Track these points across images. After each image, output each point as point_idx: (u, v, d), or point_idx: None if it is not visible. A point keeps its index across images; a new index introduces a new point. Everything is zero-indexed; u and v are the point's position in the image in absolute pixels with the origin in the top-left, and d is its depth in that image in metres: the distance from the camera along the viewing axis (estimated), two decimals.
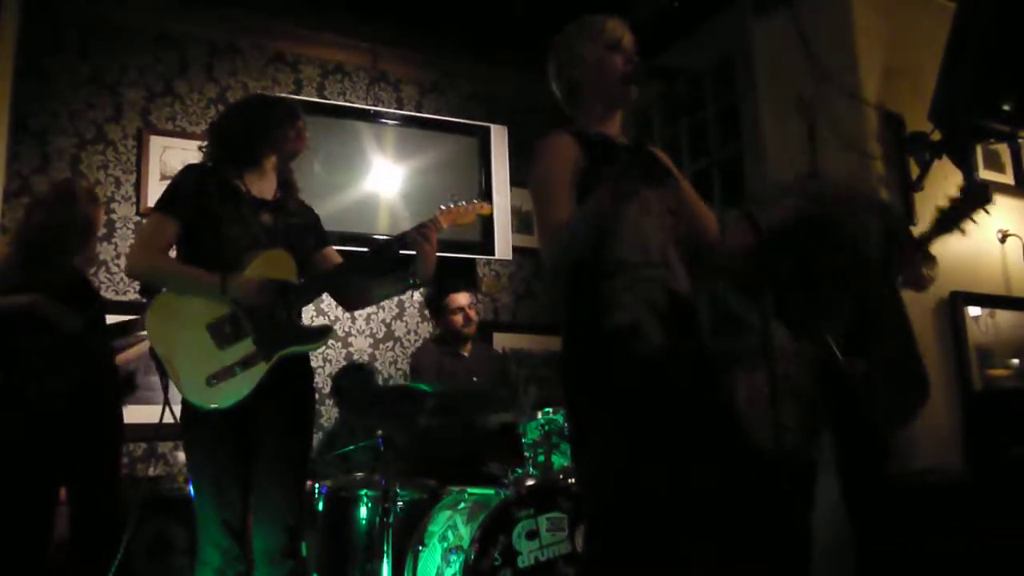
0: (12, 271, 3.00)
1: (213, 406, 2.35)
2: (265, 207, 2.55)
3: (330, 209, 4.32)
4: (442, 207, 2.69)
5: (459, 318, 4.14)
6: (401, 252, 2.61)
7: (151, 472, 3.96)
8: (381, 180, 4.69)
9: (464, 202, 2.72)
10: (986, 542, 2.80)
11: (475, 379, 4.02)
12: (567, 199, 2.03)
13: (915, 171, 3.74)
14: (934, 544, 2.80)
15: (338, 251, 2.73)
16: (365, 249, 4.01)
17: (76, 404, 2.97)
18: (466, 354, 4.20)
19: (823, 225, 2.49)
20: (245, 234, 2.47)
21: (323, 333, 2.60)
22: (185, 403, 2.39)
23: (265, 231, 2.50)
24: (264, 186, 2.59)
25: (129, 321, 3.18)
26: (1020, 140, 3.83)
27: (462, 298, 4.16)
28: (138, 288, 2.76)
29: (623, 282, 2.02)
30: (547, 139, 2.14)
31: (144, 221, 2.43)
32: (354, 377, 3.77)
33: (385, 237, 4.51)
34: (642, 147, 2.19)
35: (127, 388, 3.32)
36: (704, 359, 2.12)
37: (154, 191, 4.25)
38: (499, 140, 4.99)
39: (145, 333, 3.07)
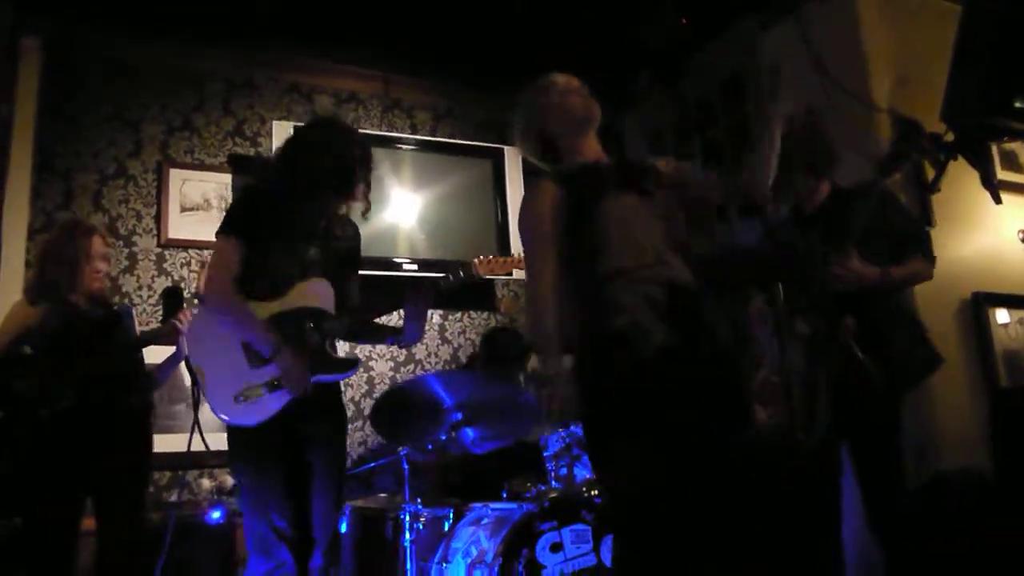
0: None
1: (234, 422, 2.43)
2: (314, 237, 2.62)
3: None
4: (479, 258, 2.83)
5: None
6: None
7: (175, 499, 4.04)
8: (398, 205, 4.81)
9: (500, 256, 2.91)
10: (1016, 542, 2.79)
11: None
12: (549, 263, 2.14)
13: (931, 173, 3.76)
14: (963, 545, 2.80)
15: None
16: (386, 273, 4.01)
17: (103, 423, 3.08)
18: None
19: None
20: (291, 263, 2.54)
21: (348, 365, 2.70)
22: (230, 426, 2.47)
23: (310, 263, 2.58)
24: (316, 215, 2.65)
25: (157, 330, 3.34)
26: None
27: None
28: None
29: (620, 284, 2.09)
30: (528, 194, 2.32)
31: (214, 246, 2.53)
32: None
33: (404, 260, 4.68)
34: (627, 160, 2.40)
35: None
36: (714, 351, 2.15)
37: (175, 223, 4.42)
38: (513, 161, 5.08)
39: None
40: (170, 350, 3.38)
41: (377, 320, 2.90)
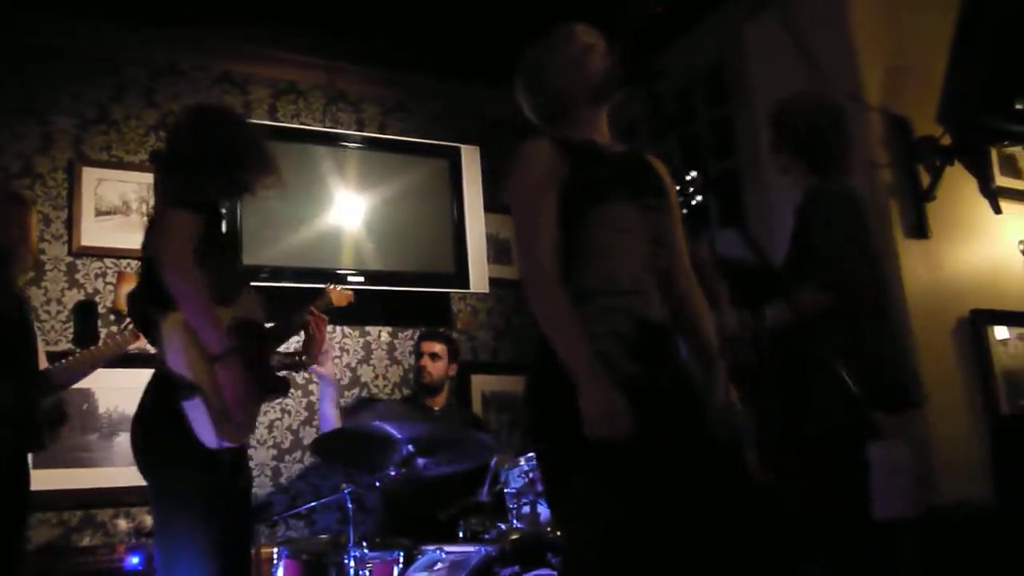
0: None
1: (227, 444, 2.36)
2: None
3: (290, 243, 4.47)
4: (331, 286, 3.41)
5: (423, 361, 4.34)
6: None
7: (87, 542, 3.93)
8: (343, 209, 4.76)
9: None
10: None
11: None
12: (548, 222, 2.06)
13: (926, 179, 3.80)
14: None
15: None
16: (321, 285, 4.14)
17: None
18: (436, 408, 4.32)
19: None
20: (236, 265, 2.60)
21: (285, 387, 2.77)
22: (195, 457, 2.34)
23: (244, 270, 2.67)
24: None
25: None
26: None
27: (427, 346, 4.39)
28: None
29: (589, 311, 2.04)
30: (525, 148, 2.18)
31: (170, 217, 2.37)
32: None
33: (349, 272, 4.62)
34: (637, 156, 2.29)
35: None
36: (681, 389, 2.14)
37: (89, 228, 4.30)
38: (471, 161, 5.04)
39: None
40: None
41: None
